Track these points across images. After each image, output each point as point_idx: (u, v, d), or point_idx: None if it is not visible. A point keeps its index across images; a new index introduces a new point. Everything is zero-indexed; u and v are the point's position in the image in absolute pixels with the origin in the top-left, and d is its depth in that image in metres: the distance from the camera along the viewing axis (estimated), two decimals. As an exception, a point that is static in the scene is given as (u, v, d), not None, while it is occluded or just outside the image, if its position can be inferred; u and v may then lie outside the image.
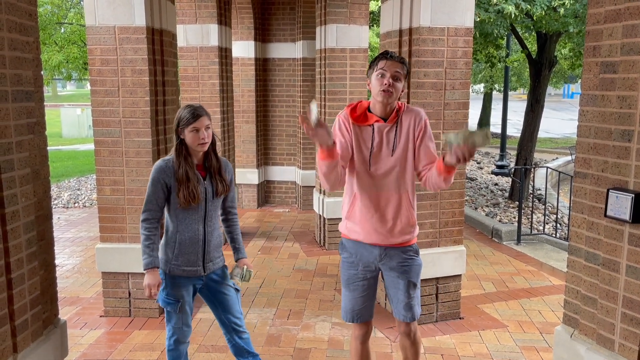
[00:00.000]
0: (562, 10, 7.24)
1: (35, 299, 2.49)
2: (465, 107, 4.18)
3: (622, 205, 2.21)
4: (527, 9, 7.28)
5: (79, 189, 10.51)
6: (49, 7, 12.89)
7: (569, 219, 3.35)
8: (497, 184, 11.61)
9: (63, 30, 13.46)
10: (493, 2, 7.11)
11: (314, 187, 7.38)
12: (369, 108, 2.78)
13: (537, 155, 14.50)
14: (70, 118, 22.48)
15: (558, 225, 8.02)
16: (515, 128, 22.14)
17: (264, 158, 8.90)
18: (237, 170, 8.14)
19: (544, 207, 8.41)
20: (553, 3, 7.25)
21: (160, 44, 4.34)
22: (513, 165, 11.63)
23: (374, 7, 11.33)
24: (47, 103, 2.73)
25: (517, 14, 7.19)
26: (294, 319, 4.50)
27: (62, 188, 10.65)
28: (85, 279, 5.50)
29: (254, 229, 7.43)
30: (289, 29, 8.57)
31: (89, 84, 4.29)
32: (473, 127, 3.48)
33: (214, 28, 6.32)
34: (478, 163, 14.58)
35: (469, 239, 6.86)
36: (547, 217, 8.40)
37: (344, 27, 6.13)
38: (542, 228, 7.73)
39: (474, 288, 5.21)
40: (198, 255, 2.89)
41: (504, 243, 6.80)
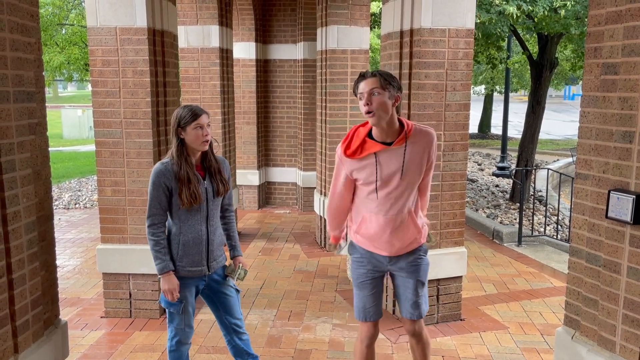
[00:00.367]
0: (563, 12, 7.24)
1: (36, 300, 2.49)
2: (466, 108, 4.18)
3: (623, 207, 2.21)
4: (528, 10, 7.28)
5: (80, 190, 10.52)
6: (50, 8, 12.90)
7: (570, 221, 3.35)
8: (498, 186, 11.61)
9: (64, 32, 13.48)
10: (495, 2, 7.12)
11: (315, 188, 7.38)
12: (370, 133, 2.64)
13: (538, 157, 14.49)
14: (71, 119, 22.50)
15: (559, 227, 8.02)
16: (516, 130, 22.12)
17: (265, 159, 8.90)
18: (237, 172, 8.14)
19: (545, 208, 8.40)
20: (554, 4, 7.24)
21: (162, 45, 4.35)
22: (514, 167, 11.63)
23: (375, 8, 11.34)
24: (48, 104, 2.72)
25: (518, 15, 7.19)
26: (295, 320, 4.50)
27: (62, 189, 10.65)
28: (86, 280, 5.50)
29: (255, 230, 7.43)
30: (290, 30, 8.58)
31: (90, 85, 4.30)
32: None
33: (215, 29, 6.32)
34: (479, 165, 14.58)
35: (470, 241, 6.85)
36: (548, 218, 8.39)
37: (345, 28, 6.14)
38: (543, 230, 7.72)
39: (475, 289, 5.21)
40: (202, 255, 2.89)
41: (505, 244, 6.80)
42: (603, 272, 2.36)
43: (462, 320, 4.49)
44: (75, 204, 9.35)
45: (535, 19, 7.87)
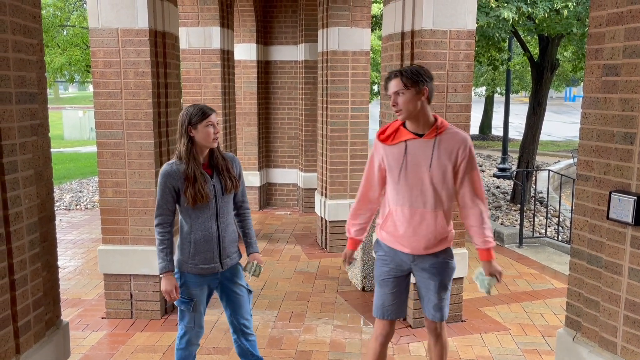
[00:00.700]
0: (565, 12, 7.24)
1: (38, 301, 2.50)
2: (467, 109, 4.19)
3: (624, 208, 2.21)
4: (528, 12, 7.28)
5: (81, 191, 10.53)
6: (52, 9, 12.93)
7: (571, 222, 3.34)
8: (499, 187, 11.61)
9: (65, 33, 13.50)
10: (492, 6, 7.12)
11: (316, 189, 7.38)
12: (405, 124, 2.81)
13: (539, 158, 14.49)
14: (72, 120, 22.55)
15: (560, 228, 8.01)
16: (517, 131, 22.12)
17: (266, 160, 8.91)
18: (239, 173, 8.14)
19: (546, 210, 8.41)
20: (555, 5, 7.25)
21: (163, 47, 4.35)
22: (515, 168, 11.63)
23: (376, 10, 11.35)
24: (49, 105, 2.73)
25: (516, 19, 7.19)
26: (296, 322, 4.50)
27: (64, 190, 10.66)
28: (87, 281, 5.51)
29: (256, 232, 7.40)
30: (291, 32, 8.59)
31: (92, 86, 4.31)
32: (481, 277, 3.60)
33: (216, 31, 6.33)
34: (480, 166, 14.58)
35: (471, 242, 6.85)
36: (549, 220, 8.39)
37: (346, 29, 6.14)
38: (544, 231, 7.72)
39: (476, 291, 5.20)
40: (214, 253, 2.91)
41: (506, 246, 6.79)
42: (604, 273, 2.36)
43: (463, 322, 4.49)
44: (77, 205, 9.36)
45: (536, 21, 7.87)
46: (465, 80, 4.13)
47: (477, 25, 7.19)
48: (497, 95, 23.02)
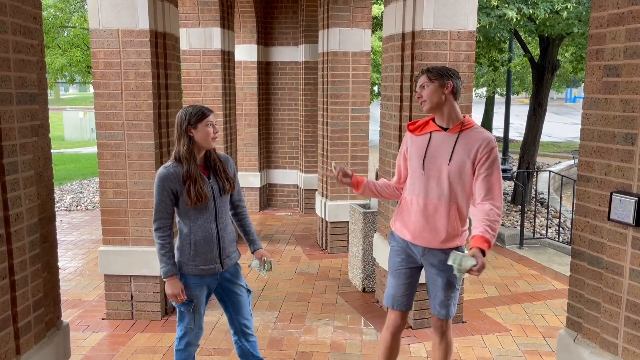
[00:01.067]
0: (565, 13, 7.23)
1: (38, 301, 2.49)
2: (468, 110, 4.18)
3: (625, 209, 2.21)
4: (529, 13, 7.28)
5: (82, 192, 10.53)
6: (52, 10, 12.94)
7: (572, 223, 3.34)
8: (499, 188, 11.58)
9: (66, 34, 13.51)
10: (493, 4, 7.11)
11: (316, 190, 7.38)
12: (435, 118, 2.94)
13: (539, 159, 14.48)
14: (73, 121, 22.57)
15: (561, 229, 8.01)
16: (518, 132, 22.12)
17: (266, 161, 8.91)
18: (239, 174, 8.15)
19: (547, 211, 8.40)
20: (556, 6, 7.24)
21: (164, 47, 4.35)
22: (515, 169, 11.62)
23: (377, 11, 11.35)
24: (49, 106, 2.73)
25: (518, 19, 7.19)
26: (296, 323, 4.50)
27: (64, 191, 10.67)
28: (88, 282, 5.50)
29: (256, 233, 7.41)
30: (292, 33, 8.59)
31: (93, 87, 4.31)
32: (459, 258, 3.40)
33: (217, 31, 6.33)
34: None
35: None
36: (549, 221, 8.39)
37: (347, 30, 6.14)
38: (544, 232, 7.72)
39: (477, 292, 5.20)
40: (214, 253, 2.92)
41: (507, 247, 6.79)
42: (605, 274, 2.36)
43: (463, 323, 4.48)
44: (77, 206, 9.36)
45: (537, 21, 7.87)
46: (466, 81, 4.13)
47: (479, 26, 7.21)
48: (497, 96, 23.01)
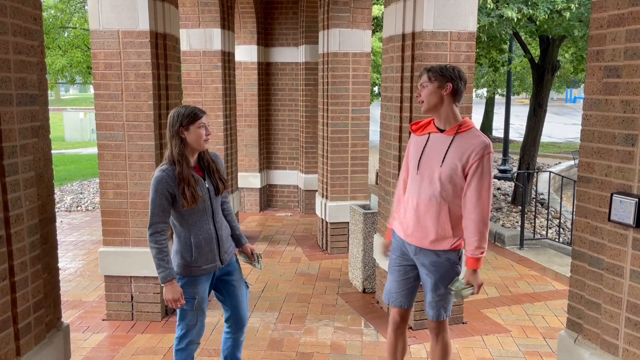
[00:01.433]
0: (568, 14, 7.23)
1: (39, 302, 2.49)
2: (468, 111, 4.18)
3: (626, 210, 2.21)
4: (529, 14, 7.28)
5: (82, 193, 10.53)
6: (53, 11, 12.95)
7: (572, 224, 3.34)
8: (499, 189, 11.60)
9: (67, 35, 13.52)
10: (491, 6, 7.11)
11: (316, 191, 7.38)
12: (434, 119, 2.96)
13: (539, 160, 14.48)
14: (73, 122, 22.56)
15: (561, 230, 8.01)
16: (518, 132, 22.12)
17: (267, 162, 8.91)
18: (239, 174, 8.15)
19: (547, 211, 8.40)
20: (557, 7, 7.24)
21: (164, 48, 4.36)
22: (516, 170, 11.62)
23: (377, 12, 11.35)
24: (50, 107, 2.73)
25: (519, 19, 7.18)
26: (297, 324, 4.50)
27: (64, 192, 10.67)
28: (88, 283, 5.50)
29: (257, 233, 7.42)
30: (292, 33, 8.59)
31: (93, 88, 4.31)
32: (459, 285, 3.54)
33: (217, 32, 6.34)
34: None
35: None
36: (550, 221, 8.39)
37: (347, 31, 6.14)
38: (545, 233, 7.72)
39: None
40: (214, 252, 2.94)
41: (507, 248, 6.79)
42: (606, 275, 2.36)
43: (464, 324, 4.48)
44: (77, 207, 9.36)
45: (537, 22, 7.87)
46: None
47: (479, 25, 7.20)
48: (497, 97, 23.02)
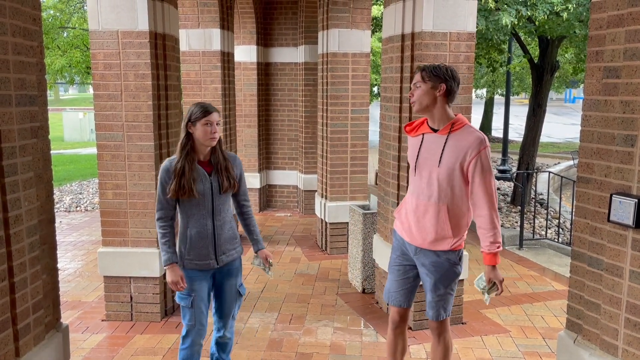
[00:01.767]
0: (565, 14, 7.23)
1: (38, 303, 2.49)
2: (467, 111, 4.18)
3: (625, 210, 2.21)
4: (527, 15, 7.28)
5: (81, 193, 10.52)
6: (52, 11, 12.94)
7: (572, 224, 3.35)
8: (499, 189, 11.61)
9: (66, 35, 13.51)
10: (490, 7, 7.11)
11: (316, 191, 7.38)
12: (427, 119, 2.94)
13: (539, 160, 14.49)
14: (73, 122, 22.55)
15: (560, 230, 8.01)
16: (517, 133, 22.13)
17: (266, 162, 8.91)
18: (239, 175, 8.13)
19: (546, 211, 8.41)
20: (556, 8, 7.25)
21: (163, 49, 4.35)
22: (515, 170, 11.63)
23: (377, 12, 11.36)
24: (49, 107, 2.73)
25: (516, 23, 7.18)
26: (296, 324, 4.49)
27: (64, 192, 10.66)
28: (87, 283, 5.50)
29: (256, 233, 7.41)
30: (291, 34, 8.59)
31: (92, 88, 4.31)
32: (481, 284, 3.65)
33: (217, 32, 6.33)
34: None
35: (472, 244, 6.84)
36: (549, 222, 8.39)
37: (346, 31, 6.14)
38: (544, 233, 7.72)
39: (477, 293, 5.19)
40: (209, 249, 2.95)
41: (506, 248, 6.79)
42: (605, 275, 2.36)
43: (463, 324, 4.48)
44: (77, 207, 9.36)
45: (537, 23, 7.87)
46: (466, 82, 4.13)
47: (476, 29, 7.20)
48: (497, 97, 23.04)
